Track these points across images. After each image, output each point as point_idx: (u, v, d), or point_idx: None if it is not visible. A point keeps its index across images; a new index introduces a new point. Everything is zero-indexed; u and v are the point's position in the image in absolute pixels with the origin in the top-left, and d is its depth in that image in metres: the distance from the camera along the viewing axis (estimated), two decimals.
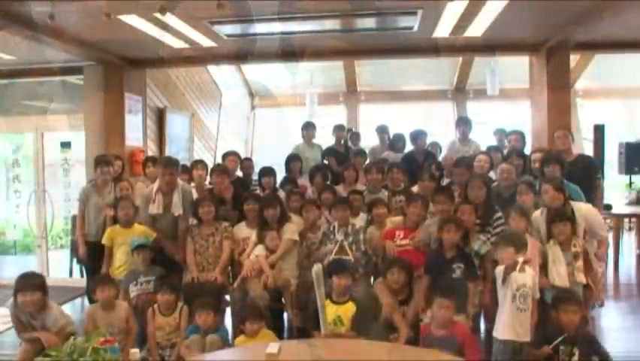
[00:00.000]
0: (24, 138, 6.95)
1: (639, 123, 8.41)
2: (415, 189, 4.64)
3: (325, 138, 6.46)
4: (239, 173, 5.44)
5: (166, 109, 7.14)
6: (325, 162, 6.01)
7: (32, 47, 5.10)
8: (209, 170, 5.08)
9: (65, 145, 6.65)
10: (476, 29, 5.15)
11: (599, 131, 7.00)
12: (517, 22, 5.04)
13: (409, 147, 5.85)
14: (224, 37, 5.22)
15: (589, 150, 7.21)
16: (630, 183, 7.30)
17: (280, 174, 5.35)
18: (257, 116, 9.66)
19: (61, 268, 6.42)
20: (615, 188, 7.67)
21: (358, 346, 2.85)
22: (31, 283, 3.26)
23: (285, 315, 4.20)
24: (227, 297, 4.25)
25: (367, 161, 5.72)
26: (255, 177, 5.66)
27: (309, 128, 6.16)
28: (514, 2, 4.28)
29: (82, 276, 5.64)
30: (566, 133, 4.84)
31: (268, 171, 5.14)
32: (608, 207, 6.12)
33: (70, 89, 6.61)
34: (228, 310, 4.24)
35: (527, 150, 5.30)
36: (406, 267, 3.63)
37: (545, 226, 3.57)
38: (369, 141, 6.84)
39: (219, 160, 6.36)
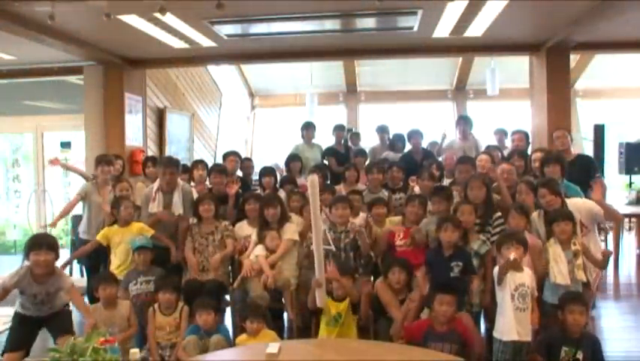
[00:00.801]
0: (24, 138, 6.95)
1: (639, 123, 8.41)
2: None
3: (325, 138, 6.48)
4: (239, 173, 5.45)
5: (166, 109, 7.14)
6: (325, 162, 6.02)
7: (32, 47, 5.11)
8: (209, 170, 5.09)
9: (65, 145, 6.66)
10: (476, 29, 5.16)
11: (599, 131, 7.02)
12: (517, 22, 5.04)
13: (409, 147, 5.86)
14: (224, 37, 5.23)
15: (589, 150, 7.21)
16: (630, 183, 7.29)
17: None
18: (257, 116, 9.67)
19: None
20: (615, 188, 7.67)
21: (363, 346, 2.84)
22: (47, 242, 3.25)
23: (285, 315, 4.20)
24: (227, 297, 4.25)
25: (368, 161, 5.73)
26: (255, 177, 5.67)
27: (309, 128, 6.17)
28: (514, 2, 4.28)
29: (82, 276, 5.63)
30: (565, 133, 4.85)
31: (268, 171, 5.15)
32: None
33: (70, 89, 6.62)
34: (228, 310, 4.25)
35: (529, 150, 5.30)
36: (406, 267, 3.64)
37: (544, 226, 3.57)
38: (369, 141, 6.85)
39: (219, 160, 6.37)
